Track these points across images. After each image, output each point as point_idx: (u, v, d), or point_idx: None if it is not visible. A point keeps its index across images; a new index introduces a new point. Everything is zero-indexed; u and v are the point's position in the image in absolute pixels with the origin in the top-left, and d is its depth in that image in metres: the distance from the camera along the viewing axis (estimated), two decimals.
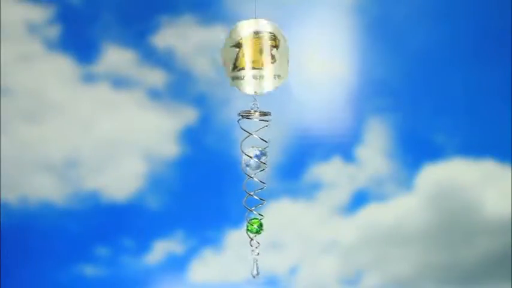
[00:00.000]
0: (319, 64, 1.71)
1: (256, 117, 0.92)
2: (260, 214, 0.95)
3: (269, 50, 0.92)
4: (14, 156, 1.69)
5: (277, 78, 0.92)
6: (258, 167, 0.93)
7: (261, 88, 0.92)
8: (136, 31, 1.70)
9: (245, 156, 0.93)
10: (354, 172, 1.72)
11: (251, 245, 0.95)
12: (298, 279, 1.73)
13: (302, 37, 1.66)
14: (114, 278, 1.70)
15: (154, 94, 1.70)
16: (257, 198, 0.93)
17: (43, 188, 1.69)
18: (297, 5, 1.66)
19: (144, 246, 1.71)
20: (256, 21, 0.92)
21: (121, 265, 1.70)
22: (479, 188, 1.73)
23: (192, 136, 1.71)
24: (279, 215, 1.69)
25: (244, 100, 0.93)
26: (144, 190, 1.71)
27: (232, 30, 0.92)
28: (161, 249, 1.71)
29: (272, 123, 0.92)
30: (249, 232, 0.95)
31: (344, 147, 1.71)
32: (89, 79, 1.69)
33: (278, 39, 0.92)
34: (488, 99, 1.71)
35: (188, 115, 1.70)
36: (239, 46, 0.92)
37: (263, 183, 0.93)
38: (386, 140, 1.71)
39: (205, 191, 1.71)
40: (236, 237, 1.69)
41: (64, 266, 1.69)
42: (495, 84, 1.70)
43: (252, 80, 0.92)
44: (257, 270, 0.96)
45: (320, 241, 1.73)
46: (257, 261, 0.95)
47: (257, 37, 0.92)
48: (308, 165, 1.71)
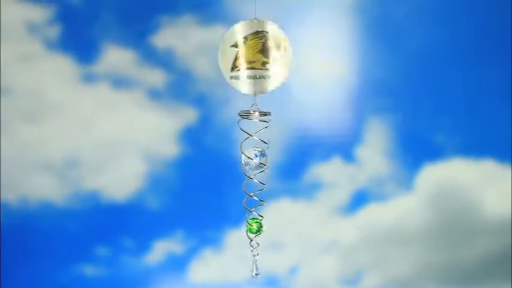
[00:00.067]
0: (319, 64, 1.71)
1: (256, 117, 0.92)
2: (260, 215, 0.95)
3: (269, 50, 0.92)
4: (14, 156, 1.69)
5: (276, 78, 0.92)
6: (258, 168, 0.93)
7: (261, 88, 0.92)
8: (136, 31, 1.70)
9: (245, 157, 0.93)
10: (354, 172, 1.72)
11: (251, 246, 0.95)
12: (298, 279, 1.73)
13: (302, 37, 1.66)
14: (114, 278, 1.70)
15: (154, 94, 1.70)
16: (257, 199, 0.93)
17: (43, 188, 1.69)
18: (297, 5, 1.66)
19: (144, 246, 1.71)
20: (256, 21, 0.92)
21: (121, 265, 1.70)
22: (479, 188, 1.73)
23: (192, 136, 1.71)
24: (279, 215, 1.69)
25: (244, 100, 0.93)
26: (144, 190, 1.71)
27: (231, 29, 0.92)
28: (161, 249, 1.71)
29: (272, 123, 0.92)
30: (249, 232, 0.95)
31: (344, 147, 1.71)
32: (89, 79, 1.69)
33: (278, 39, 0.92)
34: (488, 99, 1.71)
35: (188, 115, 1.70)
36: (239, 46, 0.91)
37: (263, 184, 0.93)
38: (386, 140, 1.71)
39: (205, 191, 1.71)
40: (236, 237, 1.69)
41: (64, 266, 1.69)
42: (495, 84, 1.70)
43: (252, 80, 0.92)
44: (257, 270, 0.96)
45: (320, 241, 1.73)
46: (256, 261, 0.95)
47: (257, 37, 0.92)
48: (308, 165, 1.71)
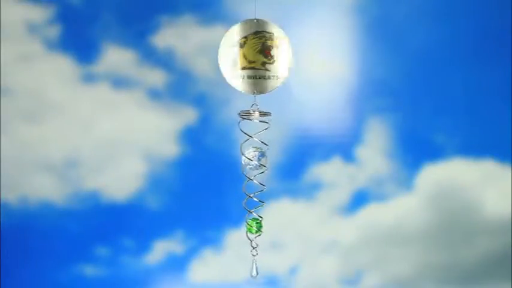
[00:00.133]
0: (319, 64, 1.71)
1: (256, 117, 0.92)
2: (259, 216, 0.95)
3: (269, 50, 0.92)
4: (14, 156, 1.69)
5: (276, 78, 0.92)
6: (258, 168, 0.93)
7: (261, 88, 0.92)
8: (136, 31, 1.70)
9: (245, 158, 0.93)
10: (354, 172, 1.72)
11: (252, 246, 0.95)
12: (298, 279, 1.73)
13: (302, 37, 1.66)
14: (114, 278, 1.70)
15: (154, 94, 1.70)
16: (257, 200, 0.93)
17: (43, 188, 1.69)
18: (297, 5, 1.66)
19: (144, 246, 1.71)
20: (256, 21, 0.92)
21: (121, 265, 1.70)
22: (479, 188, 1.72)
23: (192, 136, 1.71)
24: (279, 215, 1.69)
25: (244, 100, 0.93)
26: (144, 190, 1.71)
27: (232, 29, 0.92)
28: (161, 249, 1.71)
29: (272, 123, 0.92)
30: (248, 233, 0.95)
31: (344, 147, 1.71)
32: (89, 79, 1.69)
33: (278, 39, 0.92)
34: (488, 99, 1.71)
35: (188, 115, 1.70)
36: (239, 46, 0.91)
37: (263, 185, 0.93)
38: (386, 140, 1.71)
39: (205, 191, 1.71)
40: (236, 237, 1.69)
41: (64, 266, 1.69)
42: (495, 84, 1.70)
43: (252, 80, 0.92)
44: (256, 270, 0.96)
45: (320, 241, 1.73)
46: (256, 261, 0.95)
47: (257, 37, 0.92)
48: (308, 165, 1.71)
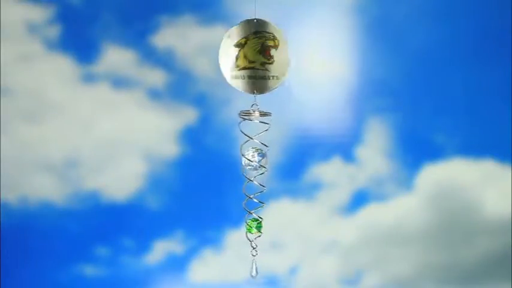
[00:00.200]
0: (319, 64, 1.71)
1: (256, 117, 0.92)
2: (259, 217, 0.95)
3: (268, 50, 0.92)
4: (14, 156, 1.69)
5: (276, 78, 0.92)
6: (258, 170, 0.93)
7: (261, 88, 0.92)
8: (136, 31, 1.70)
9: (245, 159, 0.93)
10: (354, 172, 1.72)
11: (252, 246, 0.95)
12: (298, 279, 1.73)
13: (302, 37, 1.66)
14: (114, 278, 1.70)
15: (154, 94, 1.70)
16: (257, 201, 0.93)
17: (43, 188, 1.69)
18: (297, 5, 1.66)
19: (144, 246, 1.71)
20: (256, 21, 0.92)
21: (121, 265, 1.70)
22: (479, 188, 1.72)
23: (192, 136, 1.71)
24: (279, 215, 1.69)
25: (244, 100, 0.93)
26: (144, 190, 1.71)
27: (232, 29, 0.92)
28: (161, 249, 1.71)
29: (272, 123, 0.92)
30: (248, 233, 0.95)
31: (344, 147, 1.71)
32: (89, 79, 1.69)
33: (277, 39, 0.92)
34: (488, 99, 1.71)
35: (188, 115, 1.70)
36: (239, 46, 0.92)
37: (263, 186, 0.93)
38: (386, 140, 1.71)
39: (205, 191, 1.71)
40: (236, 237, 1.69)
41: (64, 266, 1.69)
42: (495, 84, 1.70)
43: (252, 80, 0.92)
44: (256, 270, 0.96)
45: (320, 241, 1.73)
46: (256, 262, 0.95)
47: (256, 37, 0.92)
48: (308, 165, 1.71)
